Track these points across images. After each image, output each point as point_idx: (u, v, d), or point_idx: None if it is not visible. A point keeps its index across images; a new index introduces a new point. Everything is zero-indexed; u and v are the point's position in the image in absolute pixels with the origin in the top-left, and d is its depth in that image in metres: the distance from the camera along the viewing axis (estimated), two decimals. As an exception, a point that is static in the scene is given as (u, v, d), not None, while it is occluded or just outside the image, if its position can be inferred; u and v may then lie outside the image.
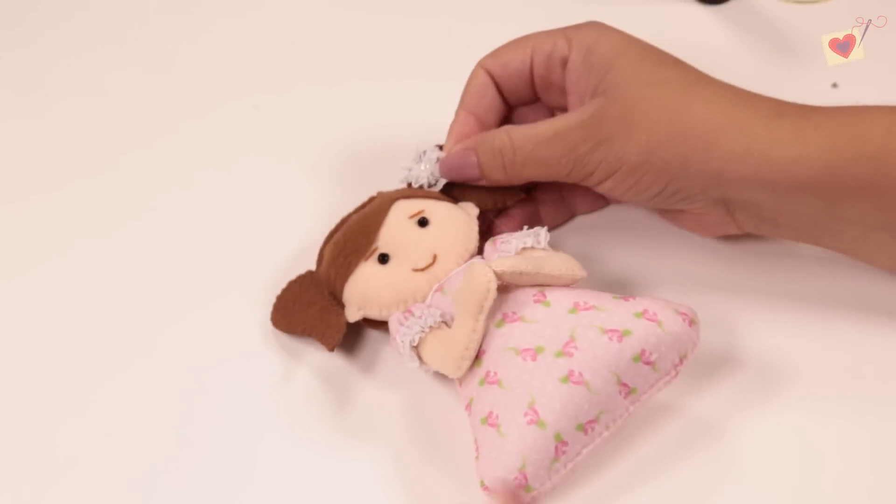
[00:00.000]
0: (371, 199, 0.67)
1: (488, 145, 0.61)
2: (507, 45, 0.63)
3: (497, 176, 0.61)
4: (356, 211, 0.66)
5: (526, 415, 0.54)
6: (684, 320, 0.57)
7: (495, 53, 0.63)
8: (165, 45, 0.84)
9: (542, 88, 0.64)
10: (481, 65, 0.64)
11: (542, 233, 0.61)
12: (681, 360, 0.56)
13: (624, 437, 0.57)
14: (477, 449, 0.55)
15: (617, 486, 0.56)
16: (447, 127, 0.65)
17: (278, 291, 0.65)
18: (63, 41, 0.85)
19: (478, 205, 0.65)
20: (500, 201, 0.66)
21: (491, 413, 0.54)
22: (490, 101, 0.64)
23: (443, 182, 0.64)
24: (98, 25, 0.86)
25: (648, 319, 0.56)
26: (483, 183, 0.63)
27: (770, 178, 0.55)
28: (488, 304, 0.56)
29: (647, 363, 0.55)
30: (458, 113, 0.64)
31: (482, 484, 0.54)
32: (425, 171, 0.64)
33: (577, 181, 0.59)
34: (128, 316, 0.66)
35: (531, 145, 0.59)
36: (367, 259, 0.63)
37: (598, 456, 0.56)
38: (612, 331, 0.55)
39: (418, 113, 0.72)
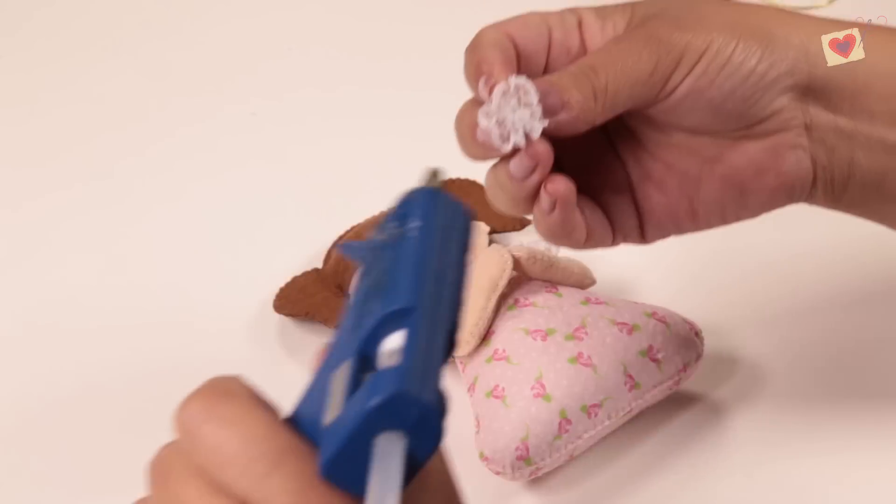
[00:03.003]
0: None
1: (566, 76, 0.48)
2: (510, 18, 0.51)
3: (590, 106, 0.48)
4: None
5: (533, 388, 0.53)
6: (691, 329, 0.57)
7: (502, 21, 0.51)
8: (163, 52, 0.84)
9: (556, 58, 0.51)
10: (493, 28, 0.51)
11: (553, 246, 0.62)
12: (685, 367, 0.57)
13: (620, 433, 0.57)
14: (478, 423, 0.54)
15: (614, 480, 0.56)
16: (447, 136, 0.53)
17: (272, 291, 0.64)
18: (60, 48, 0.85)
19: (487, 223, 0.67)
20: (508, 225, 0.68)
21: (497, 386, 0.54)
22: (514, 57, 0.50)
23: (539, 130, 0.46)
24: (95, 32, 0.86)
25: (658, 320, 0.57)
26: (577, 127, 0.48)
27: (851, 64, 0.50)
28: (502, 283, 0.56)
29: (654, 360, 0.56)
30: (486, 50, 0.50)
31: (481, 455, 0.53)
32: (524, 115, 0.46)
33: (664, 83, 0.49)
34: (123, 321, 0.65)
35: (603, 54, 0.49)
36: (377, 254, 0.63)
37: (598, 451, 0.56)
38: (621, 324, 0.56)
39: (417, 121, 0.73)
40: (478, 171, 0.69)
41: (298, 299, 0.63)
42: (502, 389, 0.54)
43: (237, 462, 0.32)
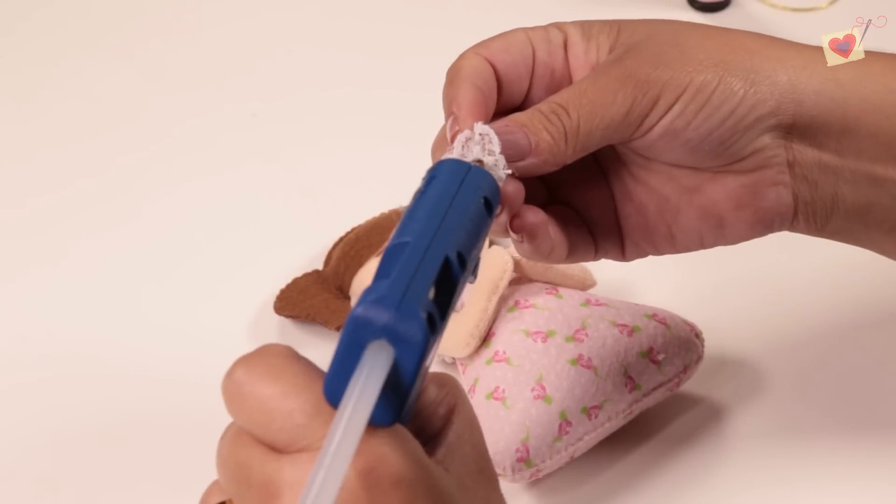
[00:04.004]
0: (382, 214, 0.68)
1: (537, 116, 0.48)
2: (494, 37, 0.51)
3: (560, 149, 0.48)
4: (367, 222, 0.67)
5: (533, 390, 0.54)
6: (691, 331, 0.57)
7: (485, 43, 0.51)
8: (162, 52, 0.84)
9: (540, 78, 0.51)
10: (475, 52, 0.50)
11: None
12: (685, 369, 0.57)
13: (621, 435, 0.57)
14: (478, 425, 0.54)
15: (614, 482, 0.56)
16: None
17: (273, 292, 0.64)
18: (60, 46, 0.85)
19: None
20: None
21: (497, 388, 0.54)
22: (492, 89, 0.49)
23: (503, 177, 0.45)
24: (95, 32, 0.86)
25: (658, 321, 0.57)
26: (546, 169, 0.48)
27: (840, 94, 0.49)
28: (503, 284, 0.56)
29: (654, 362, 0.56)
30: (460, 88, 0.49)
31: (482, 457, 0.53)
32: (487, 162, 0.44)
33: (638, 124, 0.48)
34: (122, 321, 0.66)
35: (577, 93, 0.48)
36: (378, 255, 0.63)
37: (598, 452, 0.56)
38: (622, 325, 0.56)
39: (417, 122, 0.72)
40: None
41: (299, 301, 0.63)
42: (503, 391, 0.54)
43: (278, 415, 0.35)
